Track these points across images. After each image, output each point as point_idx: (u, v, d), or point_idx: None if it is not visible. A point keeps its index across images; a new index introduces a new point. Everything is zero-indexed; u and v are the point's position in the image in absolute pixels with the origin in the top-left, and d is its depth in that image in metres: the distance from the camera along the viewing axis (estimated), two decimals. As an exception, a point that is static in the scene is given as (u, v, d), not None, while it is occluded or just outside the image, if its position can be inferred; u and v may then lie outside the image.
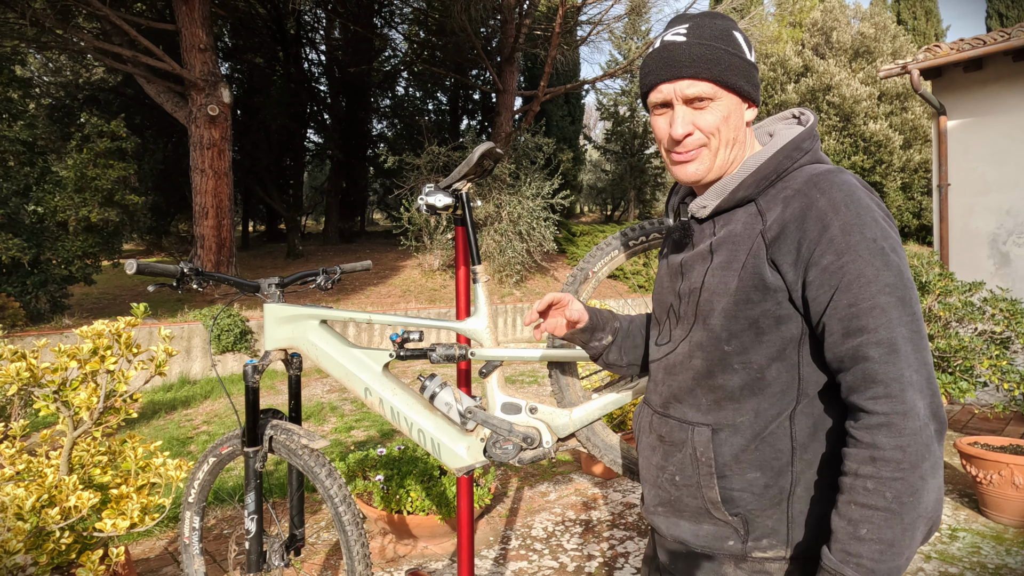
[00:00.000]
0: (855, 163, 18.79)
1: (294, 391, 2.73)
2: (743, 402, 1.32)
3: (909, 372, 1.13)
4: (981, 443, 4.40)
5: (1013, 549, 3.81)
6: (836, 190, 1.24)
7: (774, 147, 1.36)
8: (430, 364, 2.29)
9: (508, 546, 4.05)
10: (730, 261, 1.32)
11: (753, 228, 1.31)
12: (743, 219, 1.34)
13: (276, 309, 2.51)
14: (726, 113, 1.33)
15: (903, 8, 34.43)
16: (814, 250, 1.21)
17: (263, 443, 2.49)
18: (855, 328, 1.17)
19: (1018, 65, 7.45)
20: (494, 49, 20.87)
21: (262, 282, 2.57)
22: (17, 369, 2.95)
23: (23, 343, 8.63)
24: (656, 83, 1.36)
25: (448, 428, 2.25)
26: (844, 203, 1.22)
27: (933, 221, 8.51)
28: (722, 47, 1.32)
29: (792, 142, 1.35)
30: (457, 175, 2.28)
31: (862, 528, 1.13)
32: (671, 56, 1.33)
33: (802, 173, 1.31)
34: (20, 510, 2.67)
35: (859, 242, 1.19)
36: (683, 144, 1.36)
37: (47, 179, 11.23)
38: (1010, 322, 5.07)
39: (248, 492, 2.45)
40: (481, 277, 2.32)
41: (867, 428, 1.14)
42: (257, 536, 2.47)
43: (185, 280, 2.36)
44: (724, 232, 1.37)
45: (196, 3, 12.45)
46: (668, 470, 1.43)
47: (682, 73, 1.32)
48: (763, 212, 1.31)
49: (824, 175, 1.27)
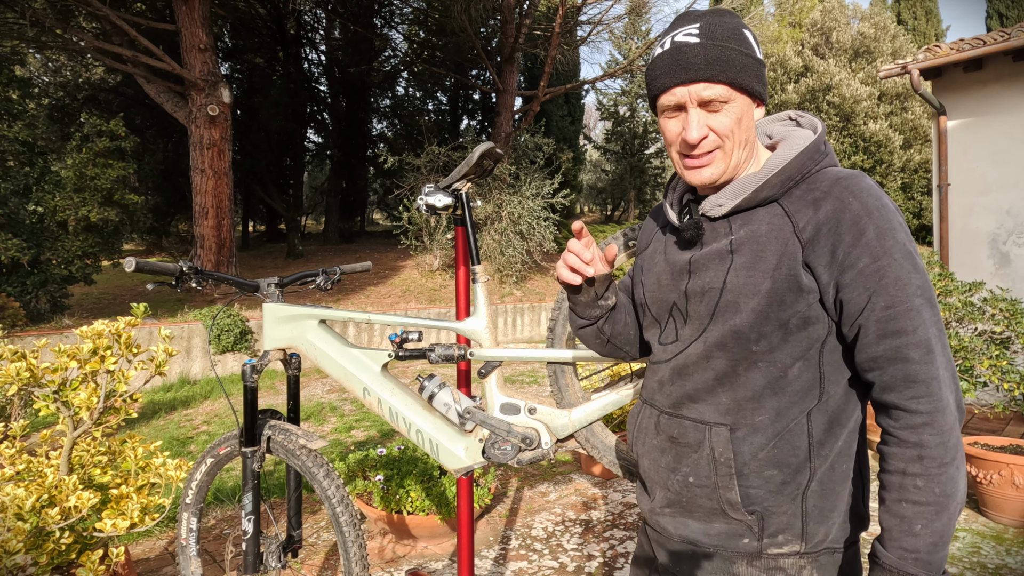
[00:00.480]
0: (855, 163, 18.80)
1: (292, 391, 2.72)
2: (764, 401, 1.32)
3: (943, 371, 1.19)
4: (981, 443, 4.40)
5: (1013, 549, 3.81)
6: (867, 195, 1.25)
7: (793, 148, 1.36)
8: (429, 364, 2.28)
9: (508, 546, 4.05)
10: (756, 261, 1.30)
11: (782, 229, 1.30)
12: (767, 219, 1.33)
13: (275, 309, 2.50)
14: (739, 115, 1.32)
15: (903, 8, 34.41)
16: (850, 253, 1.22)
17: (261, 443, 2.48)
18: (892, 330, 1.20)
19: (1018, 65, 7.45)
20: (494, 49, 20.87)
21: (261, 282, 2.56)
22: (17, 369, 2.95)
23: (23, 343, 8.63)
24: (669, 86, 1.33)
25: (447, 429, 2.24)
26: (876, 208, 1.23)
27: (933, 221, 8.51)
28: (735, 48, 1.30)
29: (813, 144, 1.35)
30: (457, 175, 2.28)
31: (916, 524, 1.18)
32: (685, 58, 1.30)
33: (826, 176, 1.31)
34: (20, 510, 2.67)
35: (893, 246, 1.21)
36: (698, 147, 1.34)
37: (47, 179, 11.24)
38: (1010, 322, 5.07)
39: (245, 492, 2.44)
40: (480, 277, 2.32)
41: (912, 428, 1.19)
42: (254, 537, 2.46)
43: (184, 279, 2.35)
44: (745, 232, 1.35)
45: (196, 3, 12.45)
46: (680, 471, 1.41)
47: (698, 76, 1.29)
48: (791, 214, 1.30)
49: (851, 179, 1.28)
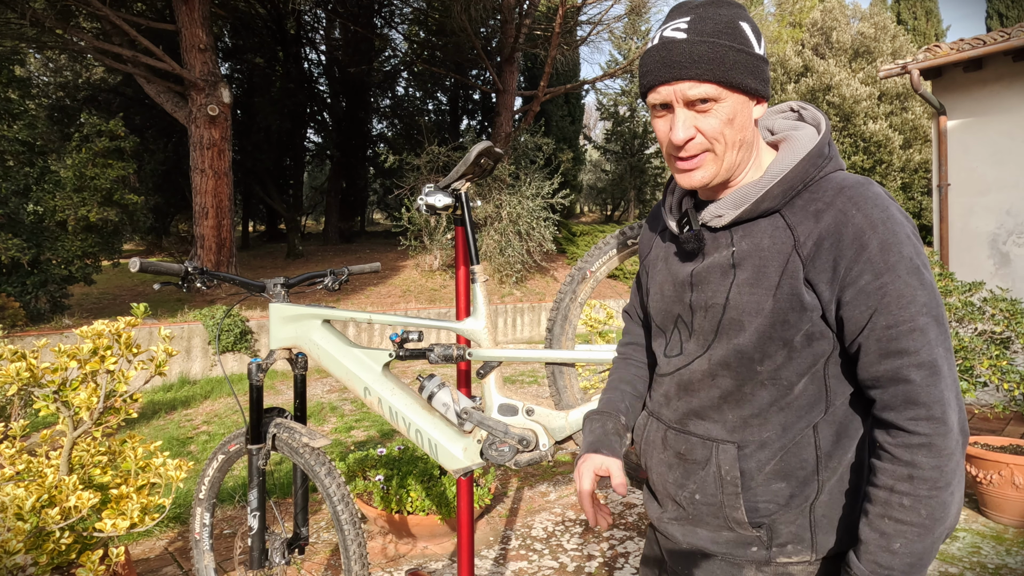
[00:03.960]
0: (855, 163, 18.81)
1: (299, 390, 2.74)
2: (770, 417, 1.28)
3: (948, 392, 1.14)
4: (981, 443, 4.41)
5: (1013, 549, 3.81)
6: (871, 205, 1.19)
7: (795, 154, 1.29)
8: (429, 364, 2.28)
9: (508, 546, 4.05)
10: (759, 278, 1.25)
11: (784, 243, 1.24)
12: (768, 231, 1.27)
13: (281, 309, 2.53)
14: (731, 115, 1.23)
15: (903, 8, 34.44)
16: (851, 269, 1.17)
17: (267, 441, 2.51)
18: (894, 350, 1.15)
19: (1018, 65, 7.45)
20: (494, 49, 20.88)
21: (267, 282, 2.59)
22: (17, 369, 2.95)
23: (23, 343, 8.64)
24: (654, 84, 1.26)
25: (446, 429, 2.25)
26: (881, 220, 1.17)
27: (933, 221, 8.51)
28: (726, 43, 1.21)
29: (816, 148, 1.28)
30: (455, 175, 2.28)
31: (895, 542, 1.14)
32: (670, 55, 1.22)
33: (830, 183, 1.25)
34: (20, 510, 2.67)
35: (897, 261, 1.15)
36: (685, 149, 1.27)
37: (47, 179, 11.24)
38: (1010, 322, 5.06)
39: (251, 489, 2.48)
40: (480, 277, 2.32)
41: (906, 447, 1.14)
42: (259, 533, 2.49)
43: (190, 279, 2.38)
44: (747, 244, 1.29)
45: (196, 3, 12.46)
46: (688, 488, 1.38)
47: (683, 74, 1.21)
48: (792, 226, 1.24)
49: (856, 187, 1.22)
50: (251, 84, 23.69)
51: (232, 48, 23.37)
